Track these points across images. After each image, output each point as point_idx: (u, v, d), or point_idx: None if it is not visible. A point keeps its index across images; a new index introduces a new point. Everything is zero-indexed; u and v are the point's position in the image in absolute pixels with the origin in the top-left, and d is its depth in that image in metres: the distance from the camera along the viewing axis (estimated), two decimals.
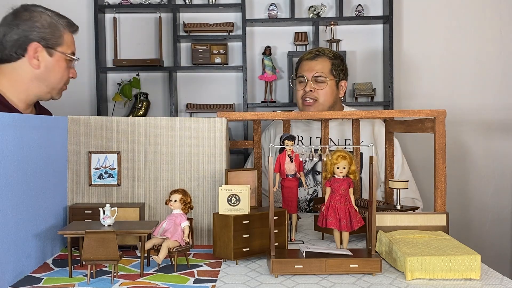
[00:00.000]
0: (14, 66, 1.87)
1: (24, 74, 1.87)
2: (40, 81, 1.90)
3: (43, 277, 1.29)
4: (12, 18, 1.87)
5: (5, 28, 1.85)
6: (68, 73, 1.97)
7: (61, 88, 1.99)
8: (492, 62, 3.30)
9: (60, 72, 1.93)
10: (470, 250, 1.31)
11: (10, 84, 1.88)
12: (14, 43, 1.84)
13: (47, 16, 1.90)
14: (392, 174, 1.94)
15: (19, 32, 1.84)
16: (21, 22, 1.84)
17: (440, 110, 1.65)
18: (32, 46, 1.85)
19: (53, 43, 1.89)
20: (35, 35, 1.85)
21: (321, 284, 1.24)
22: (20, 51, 1.85)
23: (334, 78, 2.48)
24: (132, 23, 3.31)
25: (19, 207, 1.27)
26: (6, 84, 1.88)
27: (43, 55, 1.87)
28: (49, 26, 1.88)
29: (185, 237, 1.37)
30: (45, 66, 1.88)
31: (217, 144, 1.62)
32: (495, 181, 3.32)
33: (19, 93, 1.90)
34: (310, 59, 2.51)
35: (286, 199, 1.62)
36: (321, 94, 2.46)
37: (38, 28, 1.85)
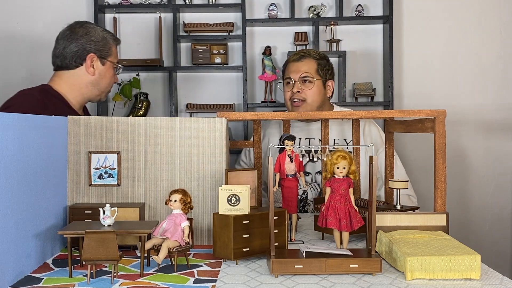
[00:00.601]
0: (73, 73, 2.21)
1: (81, 80, 2.22)
2: (93, 86, 2.24)
3: (43, 277, 1.29)
4: (69, 33, 2.21)
5: (65, 42, 2.20)
6: (113, 79, 2.32)
7: (108, 91, 2.34)
8: (492, 62, 3.30)
9: (109, 78, 2.28)
10: (470, 250, 1.32)
11: (69, 88, 2.22)
12: (74, 54, 2.19)
13: (99, 31, 2.24)
14: (392, 174, 1.94)
15: (78, 45, 2.19)
16: (79, 37, 2.19)
17: (440, 110, 1.65)
18: (89, 56, 2.19)
19: (105, 54, 2.24)
20: (91, 48, 2.20)
21: (321, 284, 1.24)
22: (79, 61, 2.20)
23: (320, 78, 2.50)
24: (132, 23, 3.31)
25: (19, 207, 1.28)
26: (65, 88, 2.21)
27: (97, 64, 2.22)
28: (102, 40, 2.23)
29: (185, 237, 1.37)
30: (98, 73, 2.23)
31: (217, 144, 1.62)
32: (495, 181, 3.32)
33: (76, 96, 2.23)
34: (296, 60, 2.53)
35: (286, 199, 1.62)
36: (308, 95, 2.48)
37: (93, 41, 2.20)
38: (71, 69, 2.21)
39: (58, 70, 2.25)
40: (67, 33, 2.21)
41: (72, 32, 2.21)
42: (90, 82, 2.23)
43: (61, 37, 2.22)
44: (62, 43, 2.20)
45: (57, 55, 2.22)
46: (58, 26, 3.26)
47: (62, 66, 2.22)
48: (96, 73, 2.22)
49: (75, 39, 2.19)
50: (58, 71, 2.25)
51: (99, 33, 2.23)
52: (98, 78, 2.23)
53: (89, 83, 2.23)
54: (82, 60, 2.20)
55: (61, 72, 2.23)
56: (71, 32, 2.21)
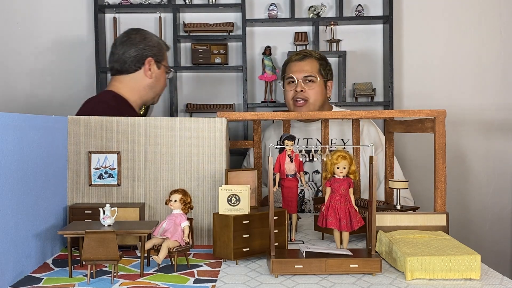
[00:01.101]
0: (132, 77, 2.32)
1: (140, 83, 2.32)
2: (150, 89, 2.35)
3: (43, 277, 1.29)
4: (127, 39, 2.32)
5: (124, 47, 2.30)
6: (166, 83, 2.43)
7: (160, 95, 2.44)
8: (492, 62, 3.29)
9: (163, 81, 2.40)
10: (470, 250, 1.32)
11: (130, 91, 2.32)
12: (134, 58, 2.29)
13: (154, 37, 2.37)
14: (392, 174, 1.94)
15: (137, 50, 2.29)
16: (137, 42, 2.30)
17: (440, 110, 1.65)
18: (147, 60, 2.30)
19: (160, 58, 2.35)
20: (149, 52, 2.31)
21: (321, 284, 1.24)
22: (138, 65, 2.30)
23: (322, 78, 2.51)
24: (132, 23, 3.30)
25: (19, 207, 1.28)
26: (127, 91, 2.32)
27: (154, 68, 2.33)
28: (157, 45, 2.35)
29: (185, 237, 1.37)
30: (155, 77, 2.34)
31: (217, 144, 1.62)
32: (495, 181, 3.32)
33: (136, 98, 2.34)
34: (298, 60, 2.54)
35: (286, 199, 1.62)
36: (311, 94, 2.48)
37: (151, 46, 2.32)
38: (130, 73, 2.31)
39: (116, 75, 2.35)
40: (125, 39, 2.32)
41: (129, 38, 2.32)
42: (148, 85, 2.33)
43: (119, 43, 2.33)
44: (121, 48, 2.31)
45: (116, 60, 2.32)
46: (58, 26, 3.28)
47: (122, 71, 2.32)
48: (153, 77, 2.33)
49: (133, 44, 2.30)
50: (117, 76, 2.35)
51: (155, 39, 2.36)
52: (154, 81, 2.34)
53: (147, 86, 2.34)
54: (141, 64, 2.30)
55: (121, 77, 2.33)
56: (128, 38, 2.32)
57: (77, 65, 3.29)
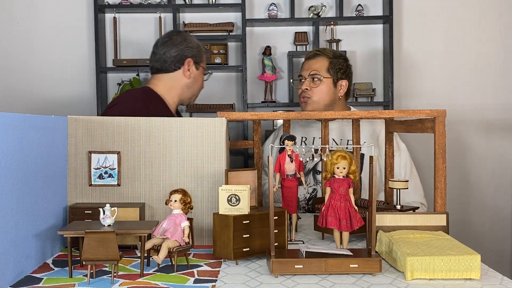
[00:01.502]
0: (171, 76, 2.38)
1: (178, 82, 2.38)
2: (188, 89, 2.41)
3: (43, 277, 1.29)
4: (168, 39, 2.39)
5: (165, 48, 2.38)
6: (203, 84, 2.50)
7: (197, 95, 2.51)
8: (492, 62, 3.30)
9: (200, 82, 2.46)
10: (470, 250, 1.31)
11: (167, 90, 2.38)
12: (174, 59, 2.36)
13: (194, 40, 2.44)
14: (392, 174, 1.94)
15: (177, 51, 2.36)
16: (178, 43, 2.37)
17: (440, 110, 1.65)
18: (187, 61, 2.37)
19: (199, 60, 2.42)
20: (189, 53, 2.38)
21: (321, 284, 1.24)
22: (178, 65, 2.37)
23: (331, 77, 2.47)
24: (132, 23, 3.31)
25: (19, 207, 1.27)
26: (164, 89, 2.38)
27: (192, 69, 2.39)
28: (197, 47, 2.42)
29: (185, 237, 1.37)
30: (193, 77, 2.40)
31: (217, 144, 1.62)
32: (495, 181, 3.32)
33: (173, 97, 2.40)
34: (309, 58, 2.53)
35: (286, 199, 1.62)
36: (315, 92, 2.47)
37: (191, 48, 2.39)
38: (170, 72, 2.38)
39: (156, 74, 2.41)
40: (166, 40, 2.40)
41: (171, 39, 2.39)
42: (186, 85, 2.40)
43: (161, 44, 2.40)
44: (162, 48, 2.39)
45: (157, 59, 2.39)
46: (58, 25, 3.28)
47: (162, 70, 2.39)
48: (191, 77, 2.39)
49: (174, 45, 2.37)
50: (157, 74, 2.41)
51: (195, 41, 2.44)
52: (192, 81, 2.41)
53: (185, 86, 2.40)
54: (181, 64, 2.37)
55: (160, 75, 2.40)
56: (170, 39, 2.40)
57: (77, 65, 3.29)
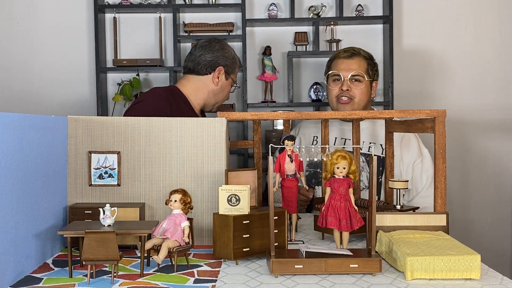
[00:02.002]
0: (200, 79, 2.45)
1: (205, 86, 2.45)
2: (214, 95, 2.48)
3: (43, 277, 1.29)
4: (208, 44, 2.47)
5: (202, 51, 2.46)
6: (228, 95, 2.56)
7: (220, 104, 2.57)
8: (492, 62, 3.30)
9: (226, 92, 2.53)
10: (470, 250, 1.32)
11: (194, 90, 2.45)
12: (207, 63, 2.44)
13: (232, 51, 2.51)
14: (392, 174, 1.94)
15: (212, 56, 2.44)
16: (215, 50, 2.45)
17: (440, 110, 1.65)
18: (219, 68, 2.44)
19: (230, 71, 2.49)
20: (222, 61, 2.45)
21: (321, 284, 1.24)
22: (210, 70, 2.44)
23: (369, 78, 2.47)
24: (132, 23, 3.31)
25: (19, 207, 1.28)
26: (190, 90, 2.45)
27: (222, 77, 2.46)
28: (232, 58, 2.49)
29: (185, 237, 1.37)
30: (221, 85, 2.47)
31: (217, 144, 1.62)
32: (495, 181, 3.32)
33: (198, 99, 2.46)
34: (346, 57, 2.48)
35: (286, 199, 1.62)
36: (357, 94, 2.43)
37: (226, 57, 2.46)
38: (200, 74, 2.45)
39: (187, 74, 2.49)
40: (205, 44, 2.48)
41: (210, 44, 2.47)
42: (212, 91, 2.46)
43: (199, 46, 2.48)
44: (199, 51, 2.46)
45: (192, 60, 2.47)
46: (58, 26, 3.28)
47: (193, 70, 2.46)
48: (219, 84, 2.46)
49: (211, 50, 2.45)
50: (188, 75, 2.48)
51: (232, 52, 2.51)
52: (219, 89, 2.47)
53: (211, 91, 2.46)
54: (212, 70, 2.44)
55: (190, 76, 2.47)
56: (209, 44, 2.47)
57: (77, 65, 3.29)
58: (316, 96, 3.20)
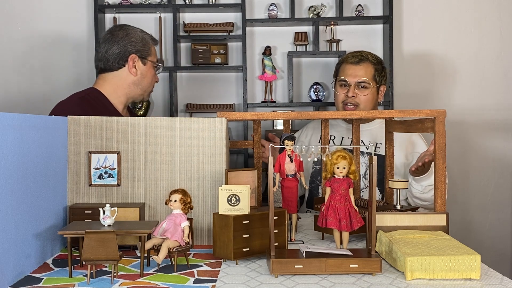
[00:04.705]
0: (115, 74, 2.28)
1: (124, 80, 2.28)
2: (136, 86, 2.31)
3: (43, 277, 1.29)
4: (110, 36, 2.28)
5: (107, 45, 2.27)
6: (154, 78, 2.38)
7: (150, 91, 2.40)
8: (492, 62, 3.29)
9: (151, 77, 2.35)
10: (470, 250, 1.32)
11: (113, 89, 2.28)
12: (116, 56, 2.25)
13: (139, 32, 2.32)
14: (392, 174, 1.94)
15: (119, 47, 2.25)
16: (119, 39, 2.26)
17: (440, 110, 1.65)
18: (131, 57, 2.26)
19: (145, 54, 2.30)
20: (132, 48, 2.26)
21: (321, 284, 1.24)
22: (122, 62, 2.26)
23: (376, 84, 2.47)
24: (132, 23, 3.29)
25: (19, 207, 1.28)
26: (109, 89, 2.28)
27: (139, 64, 2.28)
28: (141, 41, 2.30)
29: (185, 237, 1.37)
30: (140, 73, 2.29)
31: (217, 144, 1.62)
32: (495, 181, 3.32)
33: (120, 96, 2.30)
34: (353, 63, 2.48)
35: (286, 199, 1.62)
36: (363, 100, 2.44)
37: (134, 42, 2.27)
38: (114, 70, 2.28)
39: (101, 73, 2.32)
40: (108, 37, 2.29)
41: (112, 35, 2.28)
42: (133, 82, 2.30)
43: (103, 41, 2.30)
44: (104, 46, 2.28)
45: (100, 58, 2.29)
46: (58, 26, 3.28)
47: (106, 69, 2.29)
48: (138, 73, 2.29)
49: (116, 41, 2.26)
50: (102, 74, 2.31)
51: (138, 34, 2.31)
52: (140, 77, 2.30)
53: (132, 83, 2.29)
54: (124, 61, 2.26)
55: (105, 75, 2.30)
56: (111, 35, 2.29)
57: (77, 65, 3.29)
58: (316, 96, 3.20)
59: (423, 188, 2.22)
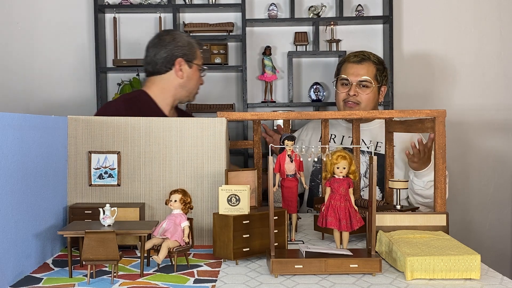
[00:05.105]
0: (163, 77, 2.37)
1: (171, 83, 2.37)
2: (182, 88, 2.39)
3: (43, 277, 1.29)
4: (158, 40, 2.38)
5: (155, 49, 2.37)
6: (200, 80, 2.47)
7: (196, 93, 2.48)
8: (492, 62, 3.29)
9: (196, 79, 2.43)
10: (470, 250, 1.32)
11: (160, 91, 2.37)
12: (164, 60, 2.34)
13: (185, 37, 2.42)
14: (392, 174, 1.94)
15: (167, 51, 2.34)
16: (167, 43, 2.36)
17: (440, 110, 1.65)
18: (177, 61, 2.34)
19: (191, 57, 2.38)
20: (179, 52, 2.35)
21: (321, 284, 1.24)
22: (169, 65, 2.35)
23: (377, 84, 2.48)
24: (132, 23, 3.31)
25: (19, 207, 1.28)
26: (156, 91, 2.37)
27: (185, 68, 2.36)
28: (188, 45, 2.38)
29: (185, 237, 1.37)
30: (186, 76, 2.37)
31: (217, 144, 1.62)
32: (495, 181, 3.32)
33: (167, 98, 2.38)
34: (355, 62, 2.49)
35: (286, 199, 1.62)
36: (364, 99, 2.45)
37: (180, 47, 2.36)
38: (161, 73, 2.37)
39: (150, 76, 2.41)
40: (156, 41, 2.39)
41: (160, 40, 2.38)
42: (180, 85, 2.38)
43: (151, 46, 2.39)
44: (152, 50, 2.38)
45: (148, 62, 2.39)
46: (58, 26, 3.28)
47: (154, 72, 2.38)
48: (184, 76, 2.37)
49: (163, 45, 2.36)
50: (150, 77, 2.41)
51: (185, 38, 2.41)
52: (186, 80, 2.38)
53: (178, 86, 2.38)
54: (172, 65, 2.35)
55: (153, 78, 2.40)
56: (159, 40, 2.38)
57: (77, 65, 3.29)
58: (316, 96, 3.20)
59: (425, 184, 2.21)
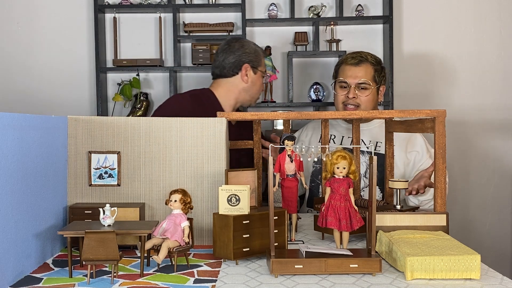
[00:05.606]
0: (229, 81, 2.51)
1: (236, 86, 2.51)
2: (246, 92, 2.53)
3: (43, 277, 1.29)
4: (227, 47, 2.53)
5: (224, 54, 2.52)
6: (262, 86, 2.62)
7: (257, 98, 2.62)
8: (492, 62, 3.29)
9: (259, 85, 2.57)
10: (470, 250, 1.32)
11: (225, 93, 2.52)
12: (232, 65, 2.50)
13: (252, 45, 2.56)
14: (392, 174, 1.94)
15: (235, 57, 2.49)
16: (235, 50, 2.51)
17: (440, 110, 1.65)
18: (244, 66, 2.49)
19: (257, 64, 2.53)
20: (246, 59, 2.49)
21: (321, 284, 1.24)
22: (236, 70, 2.49)
23: (376, 85, 2.47)
24: (132, 23, 3.30)
25: (19, 207, 1.28)
26: (222, 93, 2.52)
27: (250, 73, 2.50)
28: (254, 52, 2.53)
29: (185, 237, 1.37)
30: (251, 81, 2.51)
31: (217, 144, 1.62)
32: (495, 181, 3.32)
33: (230, 99, 2.52)
34: (353, 64, 2.48)
35: (286, 199, 1.62)
36: (363, 101, 2.45)
37: (248, 53, 2.51)
38: (228, 77, 2.51)
39: (216, 78, 2.56)
40: (225, 47, 2.54)
41: (229, 46, 2.53)
42: (243, 89, 2.51)
43: (220, 51, 2.54)
44: (221, 55, 2.53)
45: (217, 65, 2.54)
46: (58, 26, 3.28)
47: (221, 75, 2.53)
48: (249, 81, 2.50)
49: (232, 51, 2.50)
50: (217, 79, 2.56)
51: (252, 46, 2.55)
52: (250, 85, 2.51)
53: (243, 89, 2.51)
54: (238, 70, 2.49)
55: (219, 80, 2.54)
56: (228, 46, 2.53)
57: (77, 65, 3.29)
58: (316, 96, 3.20)
59: (420, 202, 2.23)
